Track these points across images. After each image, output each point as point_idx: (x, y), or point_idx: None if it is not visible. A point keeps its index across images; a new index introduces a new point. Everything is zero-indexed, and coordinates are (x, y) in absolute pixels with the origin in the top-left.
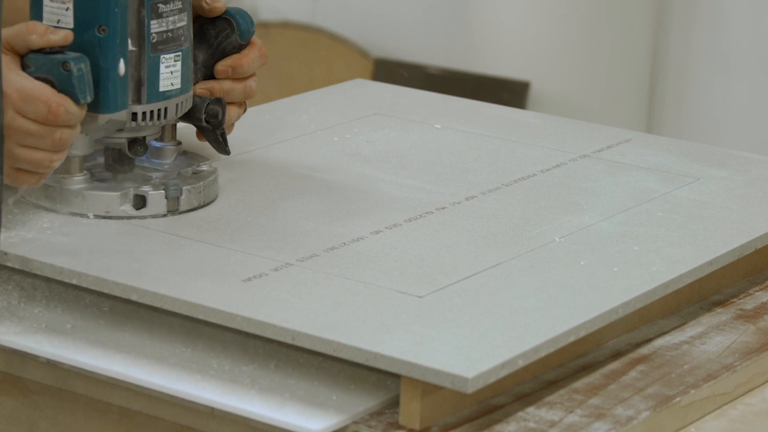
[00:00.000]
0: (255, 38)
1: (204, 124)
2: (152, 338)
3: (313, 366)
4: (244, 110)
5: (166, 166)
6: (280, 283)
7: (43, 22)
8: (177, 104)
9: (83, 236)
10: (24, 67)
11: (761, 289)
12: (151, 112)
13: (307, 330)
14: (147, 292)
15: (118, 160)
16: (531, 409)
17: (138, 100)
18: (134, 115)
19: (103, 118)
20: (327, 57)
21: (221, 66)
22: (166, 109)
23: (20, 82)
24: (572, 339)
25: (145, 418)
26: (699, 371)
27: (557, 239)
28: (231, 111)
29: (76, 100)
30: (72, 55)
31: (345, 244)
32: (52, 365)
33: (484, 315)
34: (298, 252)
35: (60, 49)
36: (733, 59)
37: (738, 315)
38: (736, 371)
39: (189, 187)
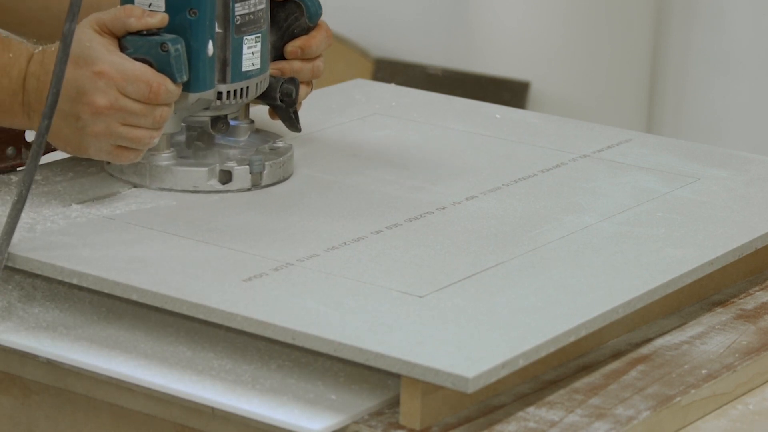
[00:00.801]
0: (321, 20)
1: (278, 102)
2: (152, 338)
3: (313, 366)
4: (311, 89)
5: (241, 143)
6: (281, 282)
7: (136, 4)
8: (257, 83)
9: (83, 236)
10: (122, 49)
11: (761, 289)
12: (235, 91)
13: (307, 330)
14: (147, 292)
15: (199, 138)
16: (531, 409)
17: (223, 80)
18: (219, 94)
19: (193, 96)
20: (327, 57)
21: (291, 47)
22: (247, 88)
23: (122, 64)
24: (572, 339)
25: (145, 418)
26: (699, 371)
27: (557, 239)
28: (300, 90)
29: (174, 80)
30: (169, 36)
31: (345, 244)
32: (52, 365)
33: (484, 315)
34: (299, 252)
35: (156, 31)
36: (733, 59)
37: (738, 315)
38: (736, 371)
39: (270, 162)
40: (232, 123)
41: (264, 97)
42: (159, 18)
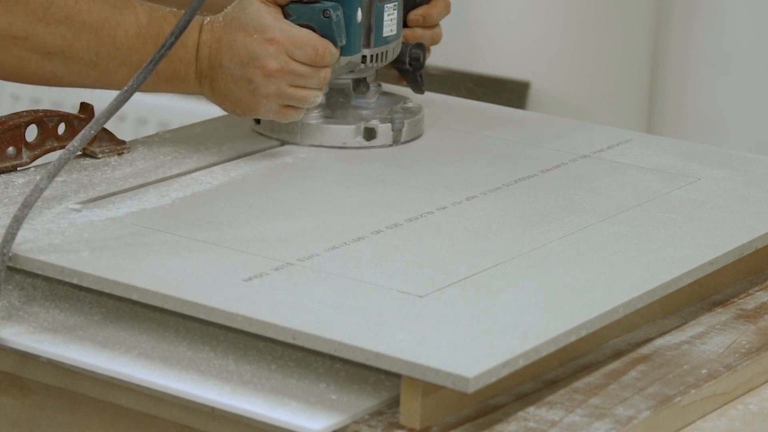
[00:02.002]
0: None
1: (407, 66)
2: (152, 338)
3: (313, 366)
4: (429, 54)
5: (371, 105)
6: (281, 282)
7: None
8: (393, 48)
9: (84, 236)
10: (285, 16)
11: (761, 289)
12: (377, 55)
13: (307, 329)
14: (147, 292)
15: (337, 99)
16: (531, 409)
17: (367, 45)
18: (363, 58)
19: (344, 59)
20: None
21: (414, 15)
22: (386, 52)
23: (289, 30)
24: (573, 339)
25: (145, 418)
26: (699, 371)
27: (557, 239)
28: None
29: (335, 43)
30: (330, 3)
31: (345, 243)
32: (52, 365)
33: (484, 315)
34: (299, 251)
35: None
36: (734, 59)
37: (738, 315)
38: (736, 371)
39: (408, 120)
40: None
41: (394, 61)
42: None
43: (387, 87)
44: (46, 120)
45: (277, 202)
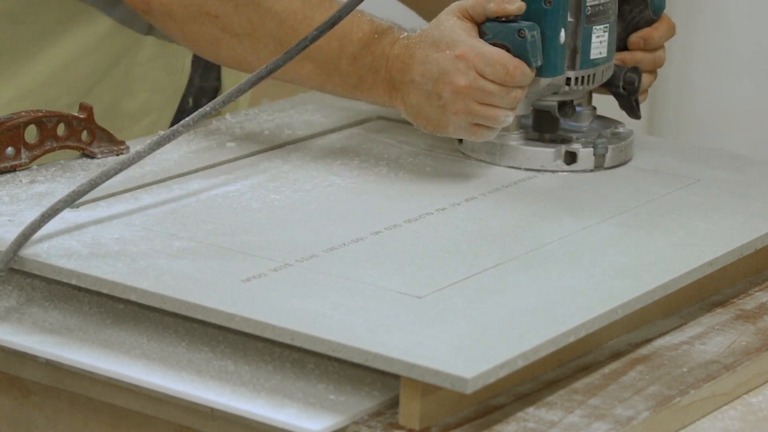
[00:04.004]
0: (664, 13)
1: (620, 90)
2: (152, 338)
3: (312, 366)
4: (655, 77)
5: (583, 128)
6: (280, 283)
7: None
8: (602, 71)
9: (82, 236)
10: (481, 35)
11: (761, 290)
12: (583, 77)
13: (306, 330)
14: (146, 293)
15: (545, 121)
16: (531, 410)
17: (572, 66)
18: (568, 80)
19: (544, 81)
20: None
21: (634, 38)
22: (594, 75)
23: (481, 47)
24: (572, 339)
25: (145, 419)
26: (699, 371)
27: (557, 239)
28: (643, 78)
29: (529, 64)
30: (526, 23)
31: (344, 244)
32: (51, 365)
33: (483, 315)
34: (298, 252)
35: (514, 18)
36: (734, 59)
37: (738, 315)
38: (736, 371)
39: (613, 145)
40: (577, 109)
41: (607, 85)
42: (517, 6)
43: (603, 110)
44: (45, 120)
45: (276, 204)
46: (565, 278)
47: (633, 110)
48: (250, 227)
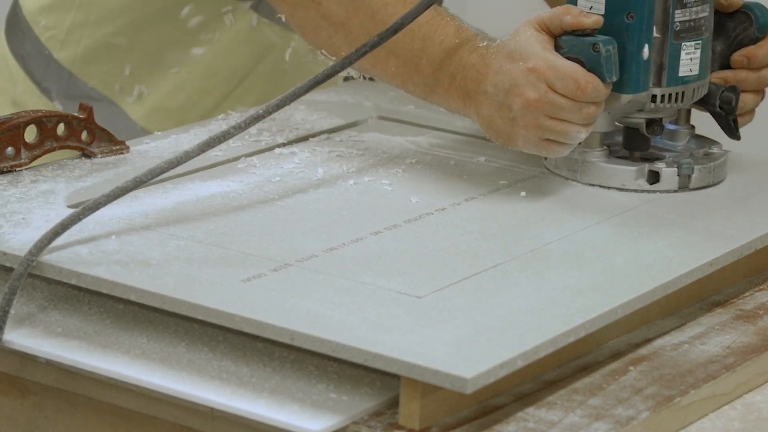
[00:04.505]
0: None
1: (717, 110)
2: (152, 338)
3: (312, 366)
4: (762, 97)
5: (678, 147)
6: (280, 283)
7: (578, 6)
8: (693, 89)
9: (82, 236)
10: (557, 48)
11: (761, 290)
12: (670, 95)
13: (306, 330)
14: (146, 293)
15: (635, 139)
16: (531, 410)
17: (658, 83)
18: (654, 97)
19: (625, 98)
20: None
21: (737, 56)
22: (683, 93)
23: (554, 60)
24: (572, 339)
25: (145, 419)
26: (699, 371)
27: (556, 239)
28: (747, 98)
29: (603, 79)
30: (602, 37)
31: (344, 244)
32: (51, 366)
33: (483, 315)
34: (298, 252)
35: (591, 33)
36: None
37: (738, 315)
38: (736, 371)
39: (700, 166)
40: (671, 127)
41: (703, 104)
42: (594, 19)
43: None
44: (45, 120)
45: (276, 204)
46: (565, 278)
47: (731, 130)
48: (250, 227)
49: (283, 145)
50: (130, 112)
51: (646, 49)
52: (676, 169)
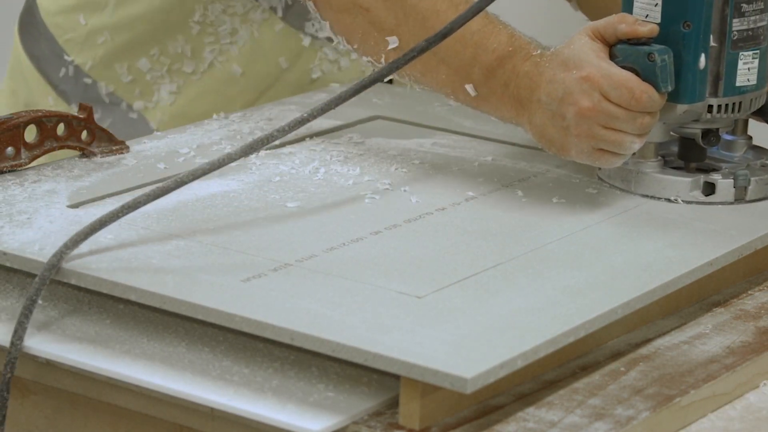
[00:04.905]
0: None
1: None
2: (152, 338)
3: (312, 366)
4: None
5: (735, 158)
6: (280, 283)
7: (633, 15)
8: (751, 99)
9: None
10: (612, 57)
11: (761, 290)
12: (726, 105)
13: (306, 330)
14: (146, 292)
15: (691, 150)
16: (531, 410)
17: (714, 93)
18: (710, 107)
19: (681, 107)
20: None
21: None
22: (740, 103)
23: (608, 69)
24: (572, 339)
25: (145, 419)
26: (699, 371)
27: (557, 239)
28: None
29: (658, 89)
30: (657, 46)
31: (344, 244)
32: (51, 365)
33: (483, 315)
34: (297, 252)
35: (646, 41)
36: None
37: (738, 315)
38: (736, 371)
39: (757, 178)
40: (728, 137)
41: (761, 114)
42: (649, 28)
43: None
44: (45, 120)
45: (276, 204)
46: (565, 278)
47: None
48: (250, 227)
49: (284, 145)
50: (150, 118)
51: (702, 59)
52: (732, 180)
